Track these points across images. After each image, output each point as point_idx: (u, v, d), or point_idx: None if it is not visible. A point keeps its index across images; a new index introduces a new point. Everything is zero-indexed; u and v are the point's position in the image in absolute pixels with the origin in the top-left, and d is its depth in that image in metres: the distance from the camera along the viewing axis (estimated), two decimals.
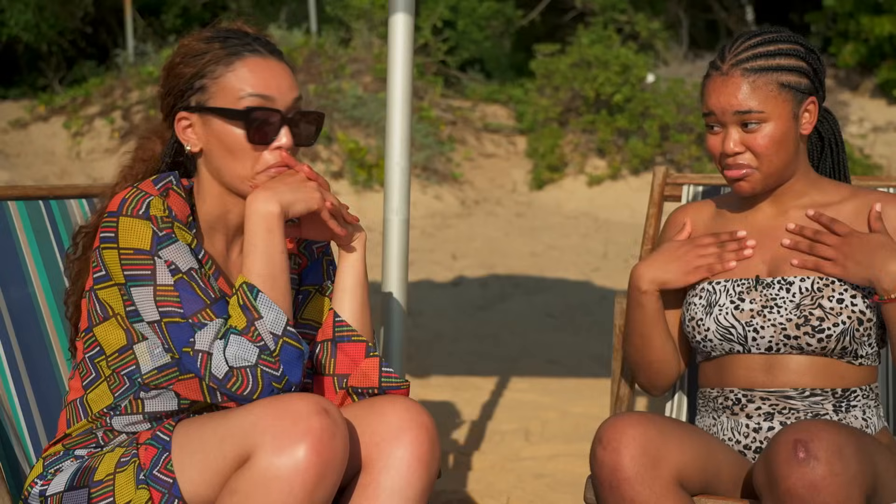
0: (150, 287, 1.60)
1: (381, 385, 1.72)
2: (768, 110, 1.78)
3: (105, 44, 10.89)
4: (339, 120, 8.87)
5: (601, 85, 9.32)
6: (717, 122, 1.83)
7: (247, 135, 1.66)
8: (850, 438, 1.60)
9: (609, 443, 1.67)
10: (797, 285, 1.82)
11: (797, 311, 1.80)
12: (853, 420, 1.82)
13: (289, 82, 1.69)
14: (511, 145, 9.84)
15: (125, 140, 8.94)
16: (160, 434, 1.63)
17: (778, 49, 1.81)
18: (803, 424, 1.60)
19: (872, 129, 9.78)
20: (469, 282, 6.50)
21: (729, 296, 1.86)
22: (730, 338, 1.85)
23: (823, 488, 1.54)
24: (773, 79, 1.79)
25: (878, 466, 1.64)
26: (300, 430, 1.50)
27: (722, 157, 1.84)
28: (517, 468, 3.36)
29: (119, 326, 1.68)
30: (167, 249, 1.62)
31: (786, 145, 1.81)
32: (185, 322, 1.58)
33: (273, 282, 1.62)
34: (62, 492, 1.62)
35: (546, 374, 4.52)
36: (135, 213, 1.62)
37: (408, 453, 1.62)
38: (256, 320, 1.58)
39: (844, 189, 1.90)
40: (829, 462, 1.54)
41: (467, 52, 11.13)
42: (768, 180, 1.84)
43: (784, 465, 1.57)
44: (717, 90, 1.81)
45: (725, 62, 1.81)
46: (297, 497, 1.50)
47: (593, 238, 7.99)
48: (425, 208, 8.55)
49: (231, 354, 1.56)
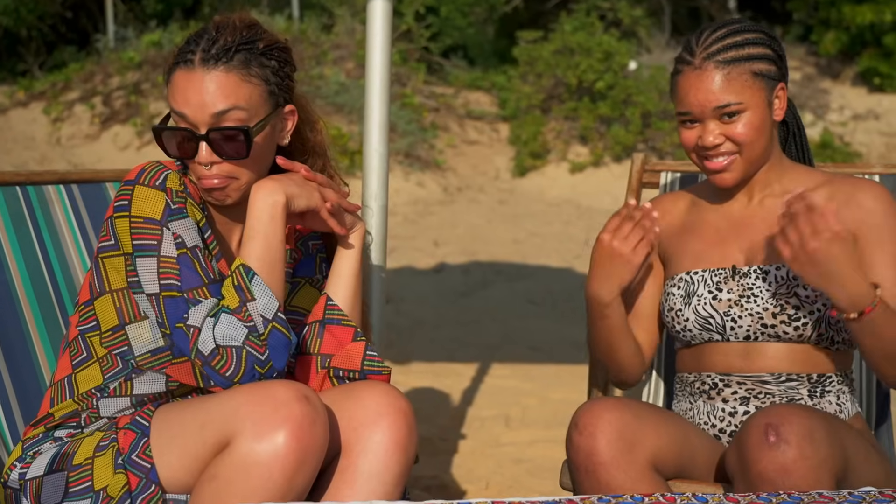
0: (154, 258, 1.63)
1: (364, 369, 1.74)
2: (745, 100, 1.79)
3: (85, 28, 10.81)
4: (322, 106, 8.86)
5: (584, 72, 9.34)
6: (693, 118, 1.82)
7: (164, 151, 1.71)
8: (821, 422, 1.61)
9: (585, 427, 1.68)
10: (773, 274, 1.83)
11: (773, 301, 1.81)
12: (827, 405, 1.83)
13: (209, 98, 1.66)
14: (494, 132, 9.86)
15: (106, 126, 8.94)
16: (139, 419, 1.64)
17: (745, 39, 1.81)
18: (774, 409, 1.62)
19: (853, 117, 9.84)
20: (451, 269, 6.52)
21: (707, 286, 1.87)
22: (709, 327, 1.86)
23: (794, 471, 1.55)
24: (746, 69, 1.79)
25: (848, 450, 1.66)
26: (280, 417, 1.51)
27: (700, 150, 1.83)
28: (497, 454, 3.38)
29: (112, 305, 1.70)
30: (177, 223, 1.65)
31: (764, 132, 1.82)
32: (180, 296, 1.61)
33: (270, 267, 1.64)
34: (41, 475, 1.63)
35: (527, 361, 4.53)
36: (152, 182, 1.66)
37: (385, 438, 1.63)
38: (249, 301, 1.60)
39: (818, 176, 1.91)
40: (800, 446, 1.56)
41: (450, 39, 11.12)
42: (750, 168, 1.84)
43: (755, 449, 1.58)
44: (693, 86, 1.80)
45: (696, 56, 1.80)
46: (277, 483, 1.51)
47: (575, 225, 8.01)
48: (408, 195, 8.56)
49: (220, 332, 1.58)
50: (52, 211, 2.04)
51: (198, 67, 1.66)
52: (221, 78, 1.66)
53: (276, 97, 1.72)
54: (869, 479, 1.69)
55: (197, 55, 1.67)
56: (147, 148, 8.65)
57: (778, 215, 1.75)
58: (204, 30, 1.71)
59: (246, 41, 1.69)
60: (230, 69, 1.67)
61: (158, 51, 9.29)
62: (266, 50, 1.71)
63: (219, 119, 1.66)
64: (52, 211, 2.04)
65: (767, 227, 1.86)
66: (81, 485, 1.60)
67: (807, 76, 10.43)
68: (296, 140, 1.82)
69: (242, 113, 1.67)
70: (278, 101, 1.73)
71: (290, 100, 1.77)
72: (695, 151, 1.85)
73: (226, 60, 1.66)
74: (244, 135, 1.66)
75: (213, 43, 1.68)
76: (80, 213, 2.07)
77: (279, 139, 1.76)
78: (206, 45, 1.67)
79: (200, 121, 1.67)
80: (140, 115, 8.90)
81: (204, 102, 1.66)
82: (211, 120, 1.66)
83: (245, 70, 1.68)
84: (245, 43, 1.69)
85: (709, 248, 1.91)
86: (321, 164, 1.85)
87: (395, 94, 9.08)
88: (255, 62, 1.69)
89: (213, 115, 1.66)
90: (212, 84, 1.66)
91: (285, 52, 1.75)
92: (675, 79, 1.83)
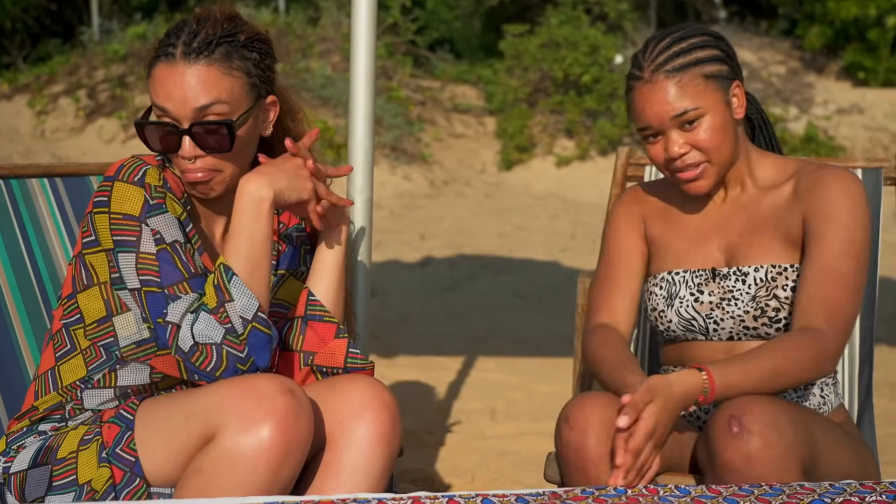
0: (133, 254, 1.62)
1: (347, 366, 1.74)
2: (702, 105, 1.78)
3: (70, 21, 10.77)
4: (308, 100, 8.85)
5: (570, 66, 9.36)
6: (655, 132, 1.81)
7: (147, 145, 1.71)
8: (784, 411, 1.62)
9: (576, 423, 1.69)
10: (752, 276, 1.83)
11: (753, 304, 1.82)
12: (811, 397, 1.84)
13: (191, 92, 1.66)
14: (480, 126, 9.87)
15: (91, 119, 8.92)
16: (123, 413, 1.64)
17: (691, 44, 1.80)
18: (737, 400, 1.63)
19: (837, 111, 9.88)
20: (437, 262, 6.52)
21: (688, 287, 1.87)
22: (692, 329, 1.87)
23: (758, 460, 1.57)
24: (696, 73, 1.78)
25: (815, 437, 1.67)
26: (265, 410, 1.52)
27: (669, 163, 1.82)
28: (482, 447, 3.40)
29: (100, 296, 1.69)
30: (155, 219, 1.64)
31: (728, 133, 1.81)
32: (161, 292, 1.61)
33: (255, 265, 1.63)
34: (25, 469, 1.63)
35: (513, 354, 4.54)
36: (130, 179, 1.65)
37: (370, 431, 1.63)
38: (227, 302, 1.59)
39: (788, 167, 1.89)
40: (763, 434, 1.57)
41: (437, 32, 11.14)
42: (721, 171, 1.83)
43: (720, 441, 1.60)
44: (647, 100, 1.79)
45: (645, 70, 1.80)
46: (262, 476, 1.52)
47: (561, 218, 8.03)
48: (394, 188, 8.56)
49: (198, 331, 1.58)
50: (36, 204, 2.04)
51: (179, 61, 1.66)
52: (203, 72, 1.66)
53: (257, 89, 1.72)
54: (841, 467, 1.71)
55: (178, 49, 1.67)
56: (132, 141, 8.63)
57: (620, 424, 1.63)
58: (184, 22, 1.71)
59: (227, 34, 1.69)
60: (211, 62, 1.67)
61: (143, 44, 9.26)
62: (247, 42, 1.71)
63: (201, 113, 1.66)
64: (36, 204, 2.04)
65: (745, 225, 1.86)
66: (66, 478, 1.60)
67: (792, 70, 10.46)
68: (278, 130, 1.82)
69: (225, 106, 1.67)
70: (260, 92, 1.73)
71: (272, 91, 1.77)
72: (665, 166, 1.83)
73: (207, 54, 1.66)
74: (227, 128, 1.66)
75: (195, 36, 1.67)
76: (63, 206, 2.06)
77: (262, 130, 1.76)
78: (188, 39, 1.67)
79: (183, 115, 1.67)
80: (125, 108, 8.87)
81: (186, 97, 1.66)
82: (193, 114, 1.66)
83: (226, 63, 1.68)
84: (226, 36, 1.69)
85: (689, 248, 1.90)
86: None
87: (381, 87, 9.08)
88: (237, 55, 1.69)
89: (195, 109, 1.66)
90: (193, 78, 1.66)
91: (266, 43, 1.76)
92: (629, 96, 1.82)
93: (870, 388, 2.15)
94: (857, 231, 1.78)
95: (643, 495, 1.38)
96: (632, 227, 1.96)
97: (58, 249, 2.04)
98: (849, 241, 1.77)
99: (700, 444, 1.72)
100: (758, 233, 1.85)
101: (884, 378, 3.53)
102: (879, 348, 2.41)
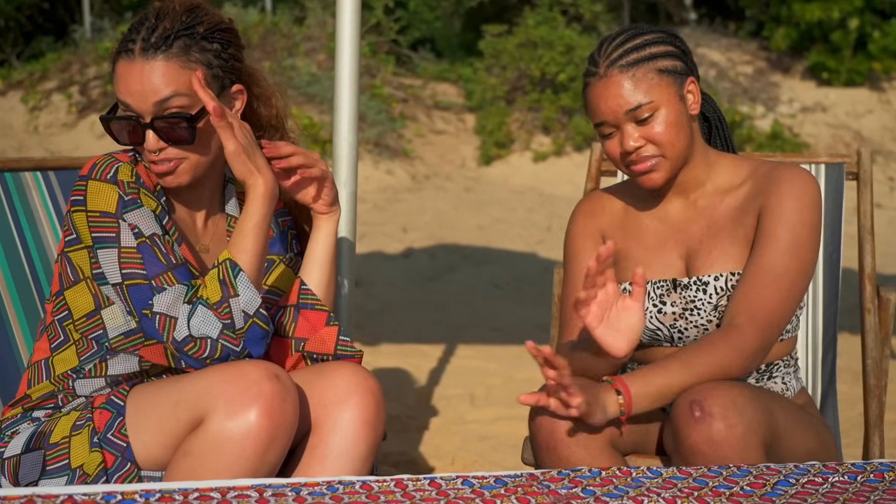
0: (114, 249, 1.61)
1: (337, 353, 1.76)
2: (656, 98, 1.75)
3: (62, 19, 10.69)
4: (294, 97, 8.80)
5: (546, 65, 9.37)
6: (611, 127, 1.79)
7: (115, 140, 1.71)
8: (744, 393, 1.64)
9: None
10: (712, 285, 1.81)
11: (716, 313, 1.80)
12: (773, 385, 1.86)
13: (150, 87, 1.64)
14: (460, 122, 9.85)
15: (83, 114, 8.89)
16: (114, 399, 1.65)
17: (645, 40, 1.78)
18: (698, 387, 1.65)
19: (801, 110, 9.91)
20: (419, 253, 6.53)
21: (651, 298, 1.85)
22: (657, 337, 1.87)
23: (721, 441, 1.58)
24: (650, 67, 1.76)
25: (776, 418, 1.68)
26: (252, 395, 1.53)
27: (624, 157, 1.79)
28: (462, 431, 3.43)
29: (88, 291, 1.69)
30: (132, 213, 1.63)
31: (682, 128, 1.78)
32: (146, 284, 1.60)
33: (259, 261, 1.64)
34: (19, 454, 1.64)
35: (491, 342, 4.58)
36: (103, 177, 1.64)
37: (354, 416, 1.65)
38: (232, 297, 1.59)
39: (744, 168, 1.86)
40: (725, 416, 1.59)
41: (418, 32, 11.08)
42: (675, 165, 1.80)
43: (684, 426, 1.63)
44: (601, 95, 1.77)
45: (600, 66, 1.77)
46: (249, 459, 1.53)
47: (538, 212, 8.02)
48: (377, 183, 8.53)
49: (195, 325, 1.57)
50: (30, 196, 2.03)
51: (137, 57, 1.64)
52: (161, 66, 1.64)
53: (220, 79, 1.69)
54: (802, 446, 1.73)
55: (137, 45, 1.64)
56: None
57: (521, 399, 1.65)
58: (144, 17, 1.68)
59: (185, 27, 1.67)
60: (170, 57, 1.64)
61: None
62: (207, 34, 1.68)
63: (161, 107, 1.64)
64: (30, 196, 2.03)
65: (703, 231, 1.85)
66: (58, 463, 1.61)
67: (758, 70, 10.44)
68: (250, 116, 1.80)
69: (184, 99, 1.65)
70: (223, 82, 1.71)
71: (239, 79, 1.74)
72: (621, 160, 1.81)
73: (165, 48, 1.64)
74: (187, 121, 1.64)
75: (152, 31, 1.65)
76: (56, 198, 2.06)
77: None
78: (146, 34, 1.64)
79: (144, 110, 1.65)
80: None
81: (145, 91, 1.63)
82: (154, 108, 1.64)
83: (184, 57, 1.65)
84: (184, 29, 1.66)
85: (649, 257, 1.87)
86: (278, 138, 1.84)
87: (365, 85, 9.04)
88: (196, 47, 1.66)
89: (155, 103, 1.64)
90: (152, 73, 1.63)
91: (229, 32, 1.72)
92: (584, 93, 1.79)
93: (833, 374, 2.18)
94: (804, 231, 1.76)
95: (616, 476, 1.38)
96: (590, 243, 1.92)
97: (51, 240, 2.04)
98: (795, 240, 1.75)
99: (666, 430, 1.74)
100: (717, 238, 1.83)
101: (846, 365, 3.45)
102: (842, 336, 2.41)
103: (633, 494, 1.31)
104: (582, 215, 1.96)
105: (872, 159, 2.36)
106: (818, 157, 2.26)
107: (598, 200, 1.97)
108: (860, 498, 1.32)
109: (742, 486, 1.36)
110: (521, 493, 1.30)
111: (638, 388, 1.67)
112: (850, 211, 2.45)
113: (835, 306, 2.20)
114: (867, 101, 10.16)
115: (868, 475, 1.40)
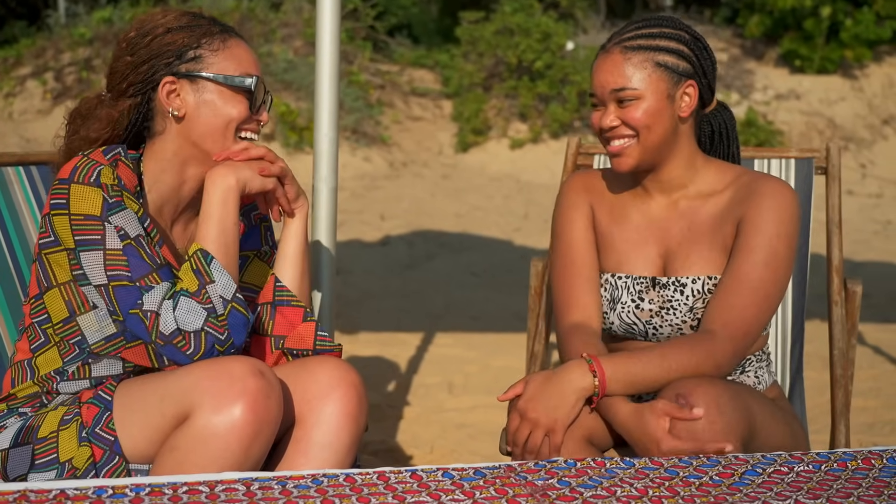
0: (99, 251, 1.62)
1: (316, 348, 1.78)
2: (642, 88, 1.77)
3: (36, 4, 10.65)
4: (271, 84, 8.82)
5: (523, 52, 9.45)
6: (598, 100, 1.83)
7: (250, 106, 1.73)
8: (726, 390, 1.67)
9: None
10: (689, 287, 1.83)
11: (691, 314, 1.83)
12: (746, 379, 1.89)
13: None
14: (437, 109, 9.89)
15: (58, 101, 8.85)
16: (102, 394, 1.66)
17: (661, 31, 1.81)
18: (683, 381, 1.69)
19: (775, 97, 10.01)
20: (396, 241, 6.53)
21: (630, 293, 1.87)
22: (632, 332, 1.89)
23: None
24: (648, 57, 1.78)
25: (754, 414, 1.71)
26: (237, 391, 1.54)
27: (601, 132, 1.83)
28: (441, 419, 3.44)
29: (61, 298, 1.70)
30: (117, 216, 1.64)
31: (660, 122, 1.79)
32: (132, 285, 1.61)
33: (225, 250, 1.66)
34: (7, 448, 1.65)
35: (469, 330, 4.60)
36: (86, 180, 1.64)
37: (337, 410, 1.66)
38: (208, 284, 1.61)
39: (729, 173, 1.88)
40: (707, 412, 1.62)
41: (395, 18, 11.09)
42: (645, 155, 1.81)
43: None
44: (598, 68, 1.81)
45: (611, 41, 1.82)
46: (234, 453, 1.54)
47: (515, 199, 8.09)
48: (354, 170, 8.56)
49: (180, 315, 1.59)
50: (12, 191, 2.02)
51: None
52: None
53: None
54: (776, 439, 1.76)
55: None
56: None
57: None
58: None
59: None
60: None
61: (109, 27, 9.20)
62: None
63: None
64: (12, 191, 2.02)
65: (684, 233, 1.86)
66: (47, 457, 1.62)
67: (733, 57, 10.51)
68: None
69: None
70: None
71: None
72: (599, 133, 1.85)
73: None
74: None
75: None
76: (39, 193, 2.05)
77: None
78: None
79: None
80: (91, 90, 8.70)
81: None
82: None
83: None
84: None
85: (630, 251, 1.90)
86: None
87: (342, 71, 8.90)
88: None
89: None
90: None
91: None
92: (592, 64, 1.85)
93: (800, 364, 2.21)
94: (781, 244, 1.78)
95: (591, 467, 1.41)
96: (582, 215, 1.94)
97: (33, 235, 2.03)
98: (771, 252, 1.77)
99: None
100: (696, 241, 1.85)
101: (815, 351, 3.48)
102: (811, 322, 2.39)
103: (606, 485, 1.35)
104: (574, 190, 1.97)
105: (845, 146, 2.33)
106: (789, 152, 2.29)
107: (592, 178, 1.99)
108: (823, 487, 1.36)
109: (711, 476, 1.40)
110: (500, 484, 1.34)
111: (612, 372, 1.72)
112: (821, 198, 2.45)
113: (803, 299, 2.24)
114: (840, 88, 10.26)
115: (832, 464, 1.44)
